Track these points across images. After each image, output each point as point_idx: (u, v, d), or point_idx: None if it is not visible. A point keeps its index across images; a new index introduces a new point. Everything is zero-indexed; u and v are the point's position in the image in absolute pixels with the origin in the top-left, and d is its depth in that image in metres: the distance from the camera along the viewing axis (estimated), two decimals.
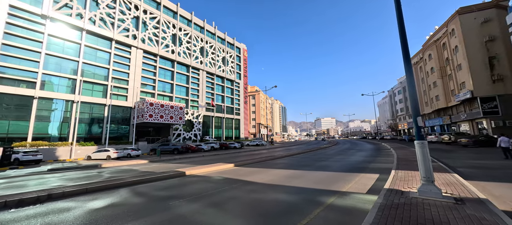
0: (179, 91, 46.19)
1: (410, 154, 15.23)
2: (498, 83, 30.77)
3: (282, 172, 10.06)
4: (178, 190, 7.05)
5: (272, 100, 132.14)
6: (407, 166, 9.66)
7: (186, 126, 47.33)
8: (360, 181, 7.38)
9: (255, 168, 12.06)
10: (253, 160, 15.24)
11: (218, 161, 16.49)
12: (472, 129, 34.87)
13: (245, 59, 68.77)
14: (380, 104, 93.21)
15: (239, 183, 7.79)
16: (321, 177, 8.55)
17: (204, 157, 22.93)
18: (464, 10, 33.67)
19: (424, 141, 4.88)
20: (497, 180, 7.01)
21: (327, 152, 21.94)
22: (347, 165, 11.84)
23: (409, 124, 60.79)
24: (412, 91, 5.32)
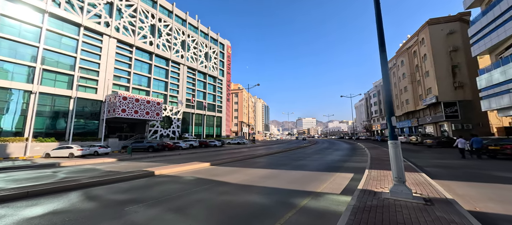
0: (157, 85, 43.77)
1: (383, 154, 15.92)
2: (458, 90, 33.89)
3: (259, 172, 9.72)
4: (140, 192, 6.31)
5: (255, 99, 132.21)
6: (380, 165, 9.91)
7: (164, 122, 45.18)
8: (335, 181, 7.30)
9: (232, 167, 11.59)
10: (231, 159, 14.73)
11: (195, 159, 15.71)
12: (435, 131, 38.07)
13: (228, 56, 67.58)
14: (357, 106, 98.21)
15: (212, 184, 7.27)
16: (297, 176, 8.36)
17: (181, 155, 21.91)
18: (433, 21, 36.47)
19: (397, 141, 4.82)
20: (459, 179, 7.39)
21: (306, 151, 22.22)
22: (324, 164, 11.91)
23: (382, 125, 64.75)
24: (387, 92, 5.23)
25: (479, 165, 10.38)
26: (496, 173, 8.26)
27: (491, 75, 24.40)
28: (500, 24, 22.62)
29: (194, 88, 53.25)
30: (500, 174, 8.14)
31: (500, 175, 7.94)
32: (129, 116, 30.31)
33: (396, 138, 4.87)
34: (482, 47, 25.80)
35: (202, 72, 56.20)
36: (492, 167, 9.82)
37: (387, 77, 5.28)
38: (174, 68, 47.97)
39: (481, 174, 8.23)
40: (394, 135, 4.92)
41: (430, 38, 35.92)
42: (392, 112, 5.04)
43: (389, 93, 5.21)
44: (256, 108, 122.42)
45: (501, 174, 8.05)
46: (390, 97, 5.16)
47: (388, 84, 5.21)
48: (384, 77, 5.25)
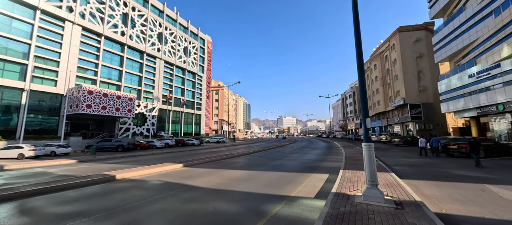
0: (129, 79, 40.72)
1: (356, 153, 16.52)
2: (422, 93, 37.02)
3: (235, 173, 9.27)
4: (91, 202, 5.44)
5: (237, 96, 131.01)
6: (354, 165, 10.11)
7: (138, 120, 42.35)
8: (310, 183, 7.15)
9: (207, 168, 10.95)
10: (207, 159, 14.03)
11: (168, 160, 14.71)
12: (402, 130, 41.22)
13: (209, 52, 65.63)
14: (334, 106, 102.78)
15: (180, 189, 6.62)
16: (273, 178, 8.08)
17: (154, 155, 20.56)
18: (403, 29, 39.27)
19: (371, 143, 4.72)
20: (425, 178, 7.74)
21: (285, 150, 22.31)
22: (301, 164, 11.87)
23: (356, 125, 68.51)
24: (362, 94, 5.09)
25: (440, 164, 11.18)
26: (456, 172, 8.88)
27: (450, 81, 26.94)
28: (459, 34, 25.02)
29: (172, 84, 50.72)
30: (460, 172, 8.77)
31: (459, 173, 8.54)
32: (95, 112, 27.63)
33: (370, 140, 4.77)
34: (443, 54, 28.37)
35: (180, 67, 53.72)
36: (452, 165, 10.62)
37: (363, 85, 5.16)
38: (149, 62, 45.07)
39: (443, 172, 8.78)
40: (368, 137, 4.82)
41: (399, 44, 38.62)
42: (367, 114, 4.94)
43: (365, 98, 5.10)
44: (237, 106, 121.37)
45: (460, 172, 8.66)
46: (366, 101, 5.06)
47: (364, 90, 5.10)
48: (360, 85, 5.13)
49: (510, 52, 17.66)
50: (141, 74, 42.48)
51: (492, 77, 20.27)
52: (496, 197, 5.28)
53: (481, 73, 21.34)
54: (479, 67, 21.72)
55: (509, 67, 18.39)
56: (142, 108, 41.49)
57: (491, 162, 11.46)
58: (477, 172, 8.76)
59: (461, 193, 5.66)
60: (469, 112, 24.51)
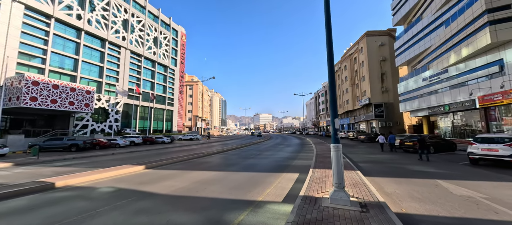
0: (87, 70, 36.33)
1: (326, 150, 17.12)
2: (385, 94, 40.47)
3: (202, 175, 8.62)
4: (9, 221, 4.33)
5: (212, 92, 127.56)
6: (323, 163, 10.28)
7: (99, 116, 38.20)
8: (279, 184, 6.92)
9: (172, 170, 10.06)
10: (176, 159, 13.00)
11: (129, 161, 13.27)
12: (367, 128, 44.70)
13: (183, 44, 62.13)
14: (308, 104, 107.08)
15: (133, 197, 5.78)
16: (243, 180, 7.68)
17: (115, 155, 18.57)
18: (370, 33, 42.22)
19: (339, 145, 4.59)
20: (386, 175, 8.16)
21: (259, 147, 22.17)
22: (273, 163, 11.72)
23: (327, 122, 72.36)
24: (332, 95, 4.91)
25: (398, 160, 12.10)
26: (412, 167, 9.61)
27: (407, 83, 29.82)
28: (416, 41, 27.71)
29: (140, 77, 46.84)
30: (415, 168, 9.50)
31: (415, 169, 9.24)
32: (43, 106, 23.92)
33: (338, 142, 4.63)
34: (403, 59, 31.22)
35: (150, 59, 49.84)
36: (408, 161, 11.55)
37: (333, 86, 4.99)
38: (112, 51, 40.76)
39: (402, 168, 9.42)
40: (336, 138, 4.67)
41: (366, 48, 41.47)
42: (335, 114, 4.78)
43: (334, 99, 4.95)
44: (213, 102, 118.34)
45: (415, 168, 9.39)
46: (335, 101, 4.91)
47: (334, 91, 4.94)
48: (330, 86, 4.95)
49: (456, 59, 20.12)
50: (103, 64, 38.23)
51: (441, 81, 22.93)
52: (447, 193, 5.67)
53: (433, 77, 24.00)
54: (431, 72, 24.40)
55: (454, 73, 20.97)
56: (104, 103, 37.49)
57: (439, 157, 12.82)
58: (429, 167, 9.60)
59: (418, 190, 5.98)
60: (422, 112, 27.49)
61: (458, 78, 20.53)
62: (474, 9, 17.44)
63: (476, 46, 17.38)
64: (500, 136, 9.21)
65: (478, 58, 18.24)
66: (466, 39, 18.55)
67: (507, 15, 15.40)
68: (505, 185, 6.44)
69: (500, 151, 8.72)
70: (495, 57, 16.78)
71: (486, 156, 9.14)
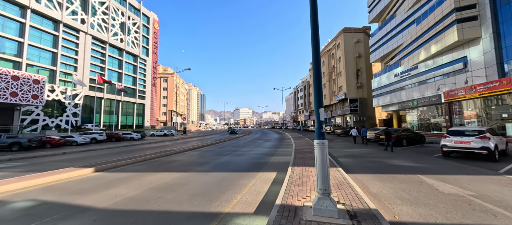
0: (36, 56, 31.29)
1: (305, 145, 16.68)
2: (359, 89, 42.06)
3: (163, 178, 7.23)
4: None
5: (190, 86, 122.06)
6: (303, 160, 9.56)
7: (53, 109, 33.49)
8: (254, 188, 5.90)
9: (128, 172, 8.44)
10: (137, 159, 11.23)
11: (81, 161, 11.24)
12: (343, 122, 46.32)
13: (155, 32, 57.33)
14: (288, 98, 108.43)
15: (54, 216, 4.25)
16: (211, 183, 6.50)
17: (66, 155, 15.99)
18: (347, 30, 43.20)
19: (325, 141, 3.66)
20: (367, 170, 7.68)
21: (237, 143, 21.05)
22: (249, 160, 10.70)
23: (305, 116, 73.90)
24: (316, 79, 3.92)
25: (375, 153, 11.99)
26: (390, 161, 9.36)
27: (380, 79, 31.03)
28: (389, 38, 28.74)
29: (104, 66, 42.06)
30: (394, 162, 9.27)
31: (394, 163, 8.98)
32: None
33: (323, 137, 3.71)
34: (377, 55, 32.35)
35: (116, 47, 44.97)
36: (385, 155, 11.47)
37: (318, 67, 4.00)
38: (68, 36, 35.69)
39: (381, 163, 9.11)
40: (321, 132, 3.74)
41: (344, 44, 42.41)
42: (321, 103, 3.83)
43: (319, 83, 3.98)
44: (191, 96, 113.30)
45: (394, 162, 9.15)
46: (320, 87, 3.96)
47: (319, 73, 3.97)
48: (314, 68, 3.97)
49: (425, 56, 21.13)
50: (56, 50, 33.26)
51: (411, 77, 24.09)
52: (435, 192, 5.20)
53: (404, 73, 25.12)
54: (403, 68, 25.53)
55: (423, 69, 22.07)
56: (59, 94, 32.85)
57: (412, 150, 13.08)
58: (406, 160, 9.46)
59: (404, 189, 5.44)
60: (393, 107, 28.88)
61: (427, 74, 21.65)
62: (444, 8, 18.25)
63: (444, 43, 18.29)
64: (471, 129, 9.37)
65: (445, 55, 19.29)
66: (435, 37, 19.47)
67: (473, 14, 16.31)
68: (485, 179, 6.27)
69: (472, 144, 8.83)
70: (460, 54, 17.83)
71: (459, 149, 9.24)
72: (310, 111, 69.08)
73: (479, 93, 15.79)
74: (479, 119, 17.17)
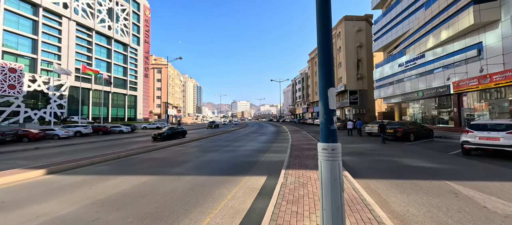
0: (14, 42, 29.02)
1: (303, 139, 15.25)
2: (359, 81, 40.42)
3: (123, 184, 5.70)
4: None
5: (186, 77, 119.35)
6: (299, 158, 8.09)
7: (37, 100, 31.60)
8: (231, 203, 4.38)
9: (87, 175, 6.91)
10: (108, 157, 9.66)
11: (47, 158, 10.02)
12: (341, 115, 44.96)
13: (146, 20, 54.44)
14: (285, 91, 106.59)
15: None
16: (179, 192, 4.98)
17: (38, 150, 14.57)
18: (348, 18, 41.00)
19: (337, 144, 2.09)
20: (380, 174, 6.22)
21: (228, 137, 19.55)
22: (238, 158, 9.19)
23: (303, 109, 72.49)
24: (325, 49, 2.24)
25: (381, 150, 10.56)
26: (402, 161, 7.91)
27: (383, 69, 29.38)
28: (394, 25, 26.86)
29: (91, 55, 39.70)
30: (406, 161, 7.82)
31: (408, 163, 7.52)
32: None
33: (335, 139, 2.15)
34: (380, 44, 30.54)
35: (104, 34, 42.45)
36: (392, 151, 10.04)
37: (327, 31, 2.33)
38: (50, 21, 33.22)
39: (392, 162, 7.66)
40: (331, 130, 2.17)
41: (344, 33, 40.37)
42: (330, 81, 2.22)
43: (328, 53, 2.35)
44: (186, 88, 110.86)
45: (407, 162, 7.69)
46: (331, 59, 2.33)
47: (328, 37, 2.33)
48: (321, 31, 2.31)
49: (434, 43, 19.46)
50: (36, 36, 30.91)
51: (417, 67, 22.49)
52: (483, 211, 3.74)
53: (409, 62, 23.49)
54: (408, 57, 23.87)
55: (431, 58, 20.46)
56: (41, 85, 30.77)
57: (422, 146, 11.66)
58: (421, 159, 8.02)
59: (438, 205, 3.97)
60: (396, 99, 27.41)
61: (435, 63, 20.07)
62: None
63: (457, 28, 16.60)
64: (498, 123, 7.90)
65: (456, 41, 17.65)
66: (447, 21, 17.74)
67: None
68: None
69: (502, 140, 7.37)
70: (474, 40, 16.21)
71: (485, 146, 7.80)
72: (308, 103, 67.59)
73: (495, 82, 14.32)
74: (492, 111, 15.79)
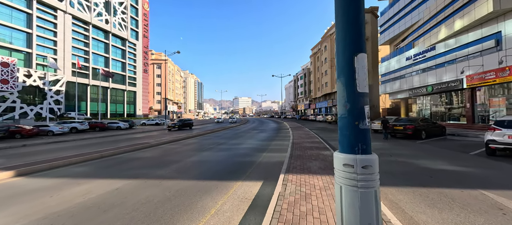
0: (7, 36, 28.25)
1: (304, 136, 14.29)
2: None
3: (94, 190, 4.83)
4: None
5: (186, 73, 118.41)
6: (301, 159, 7.14)
7: (33, 96, 30.94)
8: (218, 215, 3.50)
9: (59, 178, 6.07)
10: (93, 156, 8.84)
11: (30, 157, 9.36)
12: None
13: (145, 14, 53.28)
14: (287, 87, 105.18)
15: None
16: (154, 203, 4.09)
17: (25, 147, 13.93)
18: None
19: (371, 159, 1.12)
20: (399, 181, 5.26)
21: (227, 134, 18.67)
22: (232, 158, 8.28)
23: (305, 105, 71.28)
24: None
25: (392, 149, 9.58)
26: (421, 163, 6.92)
27: (389, 63, 28.06)
28: (402, 16, 25.44)
29: (88, 50, 38.85)
30: (426, 163, 6.83)
31: (428, 165, 6.53)
32: None
33: (365, 147, 1.18)
34: (386, 37, 29.14)
35: (101, 28, 41.48)
36: (405, 150, 9.06)
37: None
38: (44, 14, 32.30)
39: (408, 165, 6.69)
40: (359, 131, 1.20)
41: None
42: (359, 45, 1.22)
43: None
44: (187, 84, 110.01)
45: (427, 164, 6.70)
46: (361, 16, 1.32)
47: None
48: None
49: (447, 34, 18.16)
50: (30, 30, 30.07)
51: (426, 60, 21.21)
52: None
53: (418, 55, 22.19)
54: (417, 50, 22.55)
55: (442, 50, 19.19)
56: (36, 80, 30.07)
57: (434, 144, 10.64)
58: (441, 161, 7.03)
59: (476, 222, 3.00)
60: (402, 94, 26.18)
61: (446, 55, 18.79)
62: None
63: (473, 17, 15.31)
64: None
65: (471, 32, 16.35)
66: (462, 9, 16.42)
67: None
68: None
69: None
70: (492, 30, 14.93)
71: None
72: (311, 99, 66.36)
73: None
74: (509, 107, 14.61)
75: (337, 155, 1.28)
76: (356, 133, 1.23)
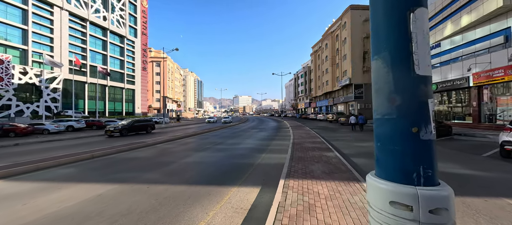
0: (2, 32, 27.68)
1: (305, 136, 13.80)
2: (365, 74, 38.48)
3: (72, 198, 4.36)
4: None
5: (186, 71, 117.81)
6: (302, 162, 6.65)
7: (31, 93, 30.50)
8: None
9: (39, 182, 5.61)
10: (83, 156, 8.37)
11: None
12: (346, 110, 43.23)
13: (144, 11, 52.60)
14: (287, 85, 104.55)
15: None
16: (136, 214, 3.61)
17: (18, 146, 13.55)
18: (354, 7, 38.73)
19: (442, 196, 0.62)
20: None
21: (224, 133, 18.17)
22: (229, 160, 7.79)
23: (305, 104, 70.73)
24: None
25: None
26: None
27: None
28: None
29: (86, 47, 38.31)
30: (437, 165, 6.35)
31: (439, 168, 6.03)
32: None
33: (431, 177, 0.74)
34: None
35: (99, 25, 40.89)
36: None
37: None
38: (40, 10, 31.73)
39: None
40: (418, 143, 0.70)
41: (350, 23, 38.23)
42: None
43: None
44: (187, 82, 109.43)
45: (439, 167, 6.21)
46: None
47: None
48: None
49: (453, 30, 17.58)
50: (26, 26, 29.54)
51: (431, 57, 20.63)
52: None
53: None
54: None
55: (447, 47, 18.61)
56: (33, 77, 29.60)
57: (442, 145, 10.12)
58: (450, 164, 6.54)
59: None
60: None
61: (452, 53, 18.22)
62: None
63: (482, 12, 14.73)
64: None
65: (479, 28, 15.78)
66: (469, 4, 15.83)
67: None
68: None
69: None
70: (501, 25, 14.35)
71: None
72: (311, 98, 65.78)
73: None
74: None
75: (376, 183, 0.76)
76: (414, 148, 0.71)
